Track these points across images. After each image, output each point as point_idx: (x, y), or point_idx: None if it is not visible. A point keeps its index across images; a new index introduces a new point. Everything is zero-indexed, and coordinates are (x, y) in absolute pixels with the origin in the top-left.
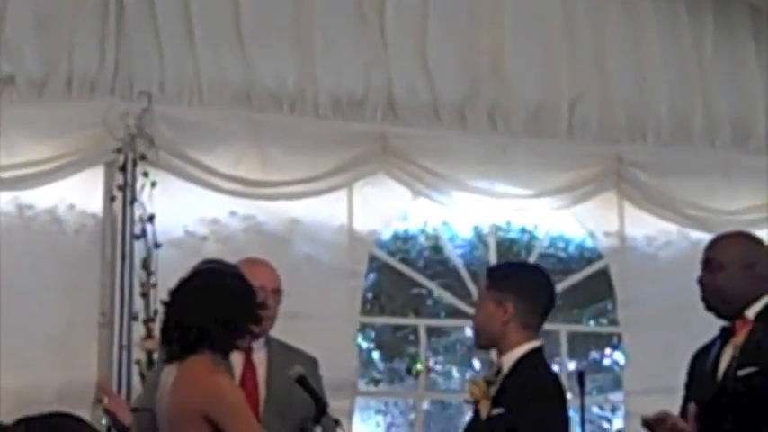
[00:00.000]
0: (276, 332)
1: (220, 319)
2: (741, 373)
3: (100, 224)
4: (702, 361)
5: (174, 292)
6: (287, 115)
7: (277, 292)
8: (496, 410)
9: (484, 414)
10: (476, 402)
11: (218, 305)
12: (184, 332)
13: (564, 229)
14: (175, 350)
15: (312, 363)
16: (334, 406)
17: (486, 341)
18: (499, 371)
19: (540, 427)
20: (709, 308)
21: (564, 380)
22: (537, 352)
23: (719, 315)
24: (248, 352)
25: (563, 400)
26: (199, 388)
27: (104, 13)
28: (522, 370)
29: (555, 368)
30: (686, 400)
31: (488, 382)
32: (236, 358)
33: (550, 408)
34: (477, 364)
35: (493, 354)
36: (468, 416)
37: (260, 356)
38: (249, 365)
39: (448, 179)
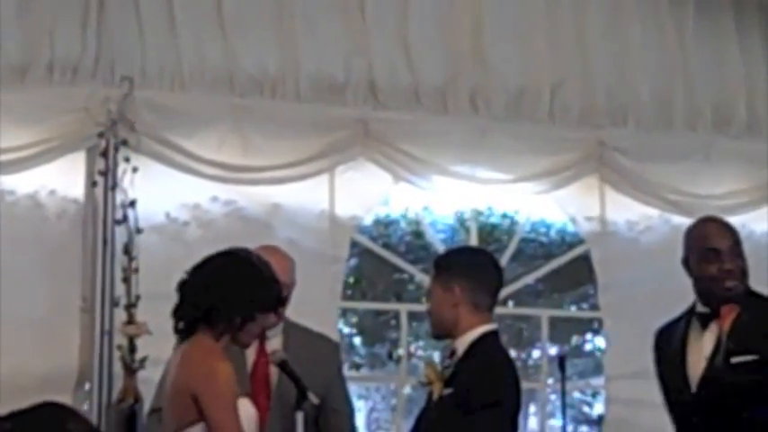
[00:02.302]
0: None
1: (229, 301)
2: (735, 360)
3: (81, 209)
4: (667, 341)
5: (192, 271)
6: (268, 100)
7: (293, 285)
8: (447, 390)
9: (436, 395)
10: (429, 384)
11: (229, 287)
12: (192, 309)
13: (545, 213)
14: (180, 328)
15: (332, 346)
16: None
17: (440, 329)
18: (453, 354)
19: (490, 410)
20: (725, 297)
21: (545, 365)
22: (492, 335)
23: (722, 302)
24: (262, 339)
25: (516, 384)
26: (193, 366)
27: None
28: (475, 353)
29: (536, 353)
30: (664, 386)
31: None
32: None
33: (502, 389)
34: None
35: None
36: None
37: (275, 343)
38: (262, 352)
39: (429, 164)
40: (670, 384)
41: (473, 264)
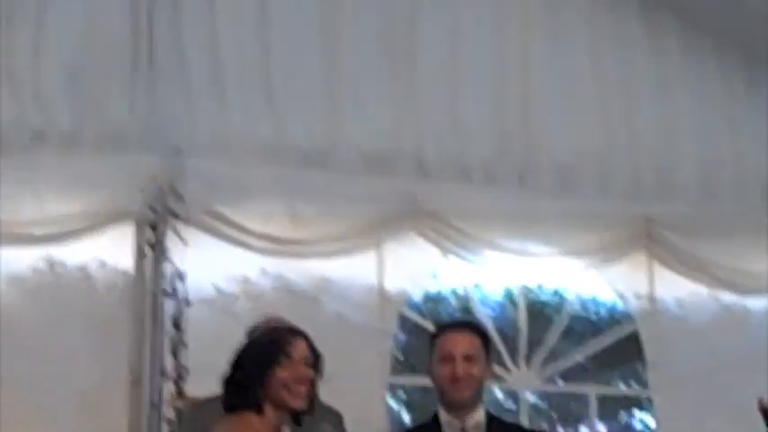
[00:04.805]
0: None
1: (236, 372)
2: None
3: (130, 281)
4: None
5: None
6: (317, 171)
7: None
8: None
9: None
10: None
11: (234, 363)
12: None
13: (595, 291)
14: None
15: (338, 418)
16: None
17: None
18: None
19: None
20: None
21: None
22: None
23: None
24: None
25: None
26: None
27: (135, 68)
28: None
29: (584, 430)
30: None
31: None
32: None
33: None
34: None
35: None
36: None
37: None
38: None
39: (477, 238)
40: None
41: None
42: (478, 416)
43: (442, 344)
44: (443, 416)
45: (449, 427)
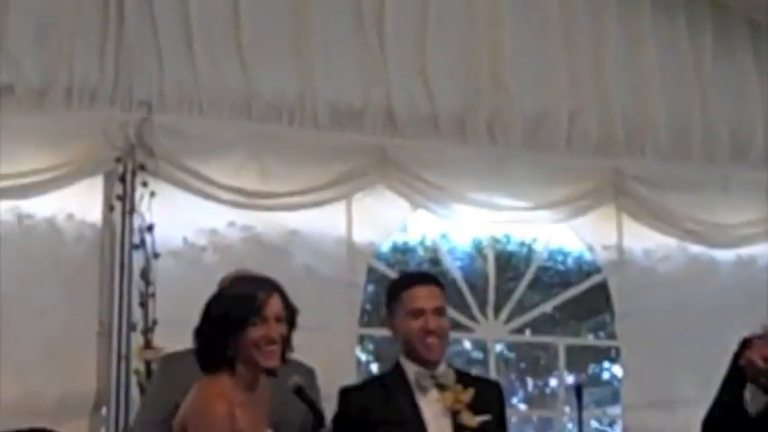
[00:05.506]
0: None
1: (206, 330)
2: None
3: (99, 234)
4: None
5: None
6: (286, 126)
7: None
8: (483, 417)
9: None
10: (457, 412)
11: (204, 320)
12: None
13: (563, 242)
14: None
15: (310, 373)
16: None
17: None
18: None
19: None
20: None
21: (562, 393)
22: None
23: None
24: None
25: None
26: (192, 402)
27: (104, 23)
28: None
29: (553, 381)
30: None
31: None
32: None
33: None
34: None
35: None
36: None
37: None
38: None
39: (447, 191)
40: None
41: None
42: (443, 366)
43: (410, 298)
44: (411, 367)
45: (421, 378)
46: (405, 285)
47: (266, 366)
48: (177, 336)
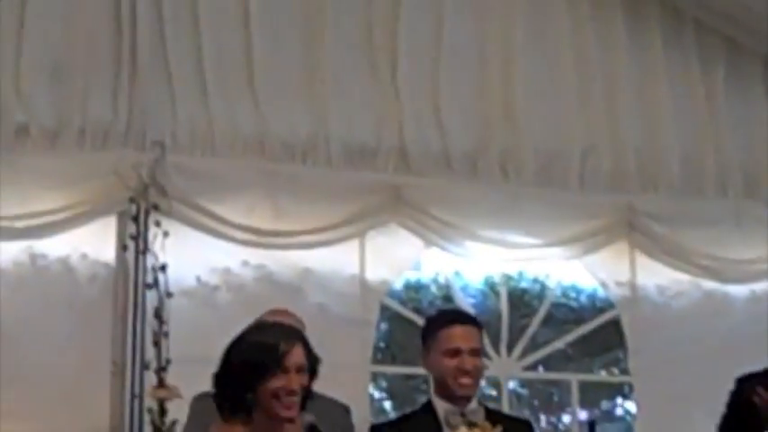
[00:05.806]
0: None
1: (226, 379)
2: None
3: (112, 273)
4: None
5: None
6: (299, 165)
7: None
8: None
9: None
10: None
11: (224, 366)
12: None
13: (576, 278)
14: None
15: (343, 410)
16: None
17: None
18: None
19: None
20: None
21: (575, 429)
22: None
23: None
24: None
25: None
26: None
27: (117, 64)
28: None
29: (566, 418)
30: None
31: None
32: None
33: None
34: None
35: None
36: None
37: None
38: None
39: (460, 229)
40: None
41: None
42: (474, 404)
43: (447, 337)
44: (441, 404)
45: (450, 415)
46: (443, 323)
47: (284, 417)
48: (191, 375)
